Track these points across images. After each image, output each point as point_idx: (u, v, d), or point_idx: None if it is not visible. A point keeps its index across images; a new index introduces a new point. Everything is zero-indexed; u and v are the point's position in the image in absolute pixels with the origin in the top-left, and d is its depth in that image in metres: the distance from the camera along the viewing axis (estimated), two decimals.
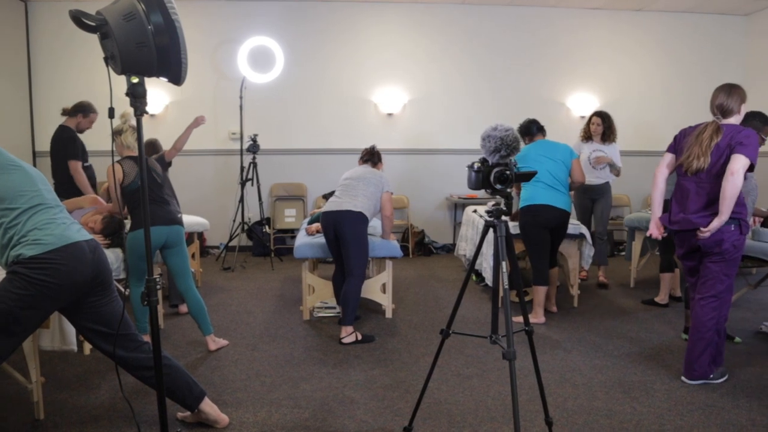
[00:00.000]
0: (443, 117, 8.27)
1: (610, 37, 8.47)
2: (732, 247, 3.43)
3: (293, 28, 7.91)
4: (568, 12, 8.34)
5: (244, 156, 7.34)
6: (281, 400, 3.35)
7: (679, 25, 8.54)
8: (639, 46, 8.54)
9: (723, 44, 8.63)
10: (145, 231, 2.20)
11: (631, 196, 8.54)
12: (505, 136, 2.57)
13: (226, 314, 5.09)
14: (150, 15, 2.02)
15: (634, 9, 8.38)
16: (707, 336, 3.54)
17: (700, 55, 8.60)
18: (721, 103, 3.45)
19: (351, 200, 4.47)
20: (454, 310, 2.74)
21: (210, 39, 7.78)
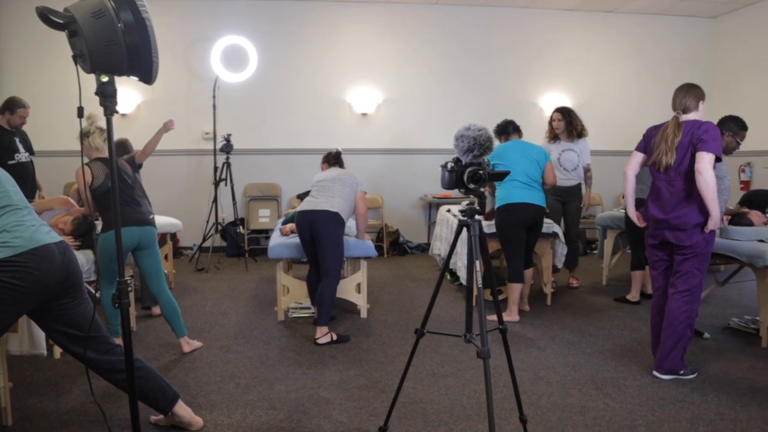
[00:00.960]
0: (417, 117, 8.30)
1: (582, 38, 8.57)
2: (703, 241, 3.52)
3: (267, 27, 7.87)
4: (541, 13, 8.42)
5: (217, 156, 7.29)
6: (256, 402, 3.32)
7: (650, 27, 8.68)
8: (611, 47, 8.66)
9: (692, 46, 8.79)
10: (116, 232, 2.17)
11: (603, 195, 8.66)
12: (478, 135, 2.58)
13: (199, 316, 5.04)
14: (120, 13, 1.99)
15: (605, 10, 8.50)
16: (680, 329, 3.60)
17: (670, 56, 8.75)
18: (681, 101, 3.59)
19: (328, 200, 4.45)
20: (429, 310, 2.75)
21: (182, 38, 7.70)
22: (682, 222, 3.52)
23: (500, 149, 4.92)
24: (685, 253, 3.57)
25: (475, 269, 2.52)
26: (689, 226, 3.51)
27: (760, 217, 4.59)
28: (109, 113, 2.07)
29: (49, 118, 7.08)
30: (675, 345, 3.62)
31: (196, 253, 7.40)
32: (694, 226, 3.50)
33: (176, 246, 7.65)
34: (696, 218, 3.50)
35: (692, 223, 3.50)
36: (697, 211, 3.50)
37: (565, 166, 5.87)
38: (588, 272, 6.87)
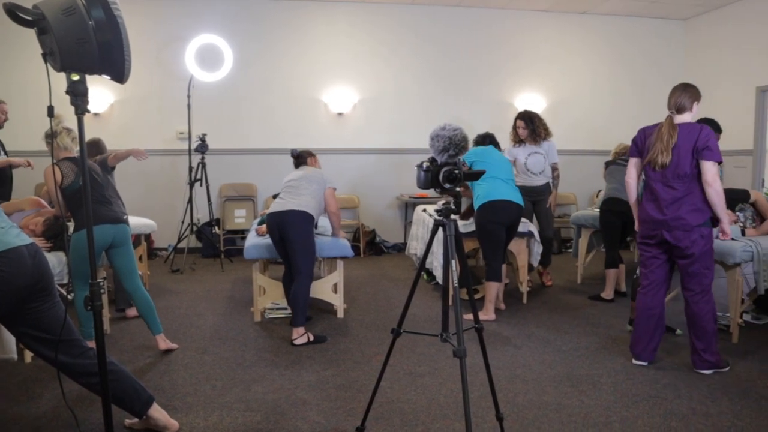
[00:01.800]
0: (393, 116, 8.30)
1: (556, 39, 8.65)
2: (701, 240, 3.59)
3: (242, 26, 7.82)
4: (515, 14, 8.48)
5: (192, 156, 7.21)
6: (232, 404, 3.30)
7: (623, 28, 8.79)
8: (585, 48, 8.76)
9: (664, 47, 8.92)
10: (87, 232, 2.13)
11: (578, 194, 8.74)
12: (454, 135, 2.59)
13: (175, 317, 4.98)
14: (91, 10, 1.96)
15: (579, 12, 8.59)
16: (710, 328, 3.69)
17: (643, 57, 8.87)
18: (676, 100, 3.65)
19: (295, 199, 4.44)
20: (405, 309, 2.75)
21: (156, 36, 7.62)
22: (681, 223, 3.58)
23: (480, 150, 5.01)
24: (689, 255, 3.63)
25: (451, 268, 2.53)
26: (690, 228, 3.58)
27: (731, 216, 4.67)
28: (80, 112, 2.04)
29: (21, 118, 6.94)
30: (710, 342, 3.70)
31: (171, 254, 7.32)
32: (694, 227, 3.57)
33: (151, 247, 7.57)
34: (696, 219, 3.57)
35: (693, 224, 3.57)
36: (697, 212, 3.57)
37: (532, 169, 5.96)
38: (563, 271, 6.93)
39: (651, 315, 3.80)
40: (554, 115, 8.69)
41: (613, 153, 5.96)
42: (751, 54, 7.81)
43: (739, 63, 7.99)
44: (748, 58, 7.86)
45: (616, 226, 5.44)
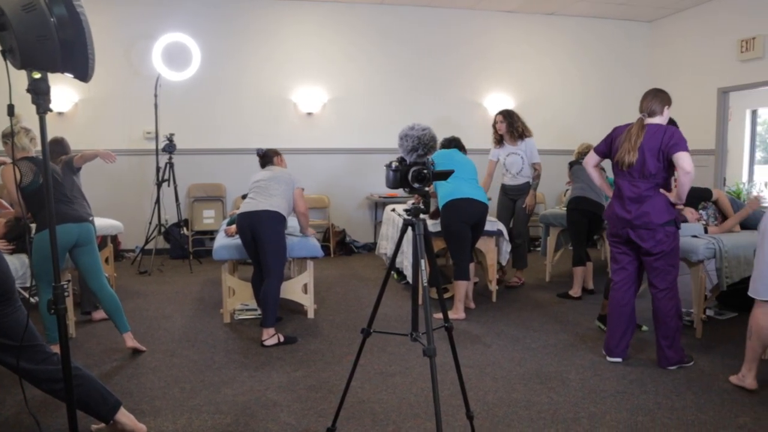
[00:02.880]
0: (363, 116, 8.30)
1: (525, 40, 8.74)
2: (665, 238, 3.66)
3: (210, 25, 7.74)
4: (484, 14, 8.54)
5: (159, 156, 7.11)
6: (202, 406, 3.26)
7: (590, 29, 8.91)
8: (552, 48, 8.86)
9: (630, 48, 9.08)
10: (50, 232, 2.09)
11: (546, 193, 8.84)
12: (422, 135, 2.60)
13: (142, 320, 4.91)
14: (52, 7, 1.92)
15: (546, 13, 8.68)
16: (673, 324, 3.76)
17: (610, 58, 9.01)
18: (648, 105, 3.73)
19: (267, 200, 4.41)
20: (375, 309, 2.75)
21: (122, 34, 7.49)
22: (645, 222, 3.65)
23: (443, 152, 5.08)
24: (654, 253, 3.69)
25: (420, 268, 2.53)
26: (654, 226, 3.64)
27: (694, 214, 4.77)
28: (41, 111, 1.99)
29: None
30: (674, 338, 3.78)
31: (138, 255, 7.21)
32: (659, 226, 3.63)
33: (117, 249, 7.43)
34: (660, 218, 3.64)
35: (657, 223, 3.64)
36: (661, 211, 3.64)
37: (510, 169, 5.99)
38: (532, 269, 7.00)
39: (623, 311, 3.86)
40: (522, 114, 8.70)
41: (576, 153, 6.04)
42: (712, 56, 7.98)
43: (702, 64, 8.17)
44: (709, 60, 8.04)
45: (583, 224, 5.52)
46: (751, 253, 4.16)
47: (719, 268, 4.33)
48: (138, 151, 7.65)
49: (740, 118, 10.40)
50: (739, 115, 10.29)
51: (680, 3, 8.15)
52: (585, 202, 5.46)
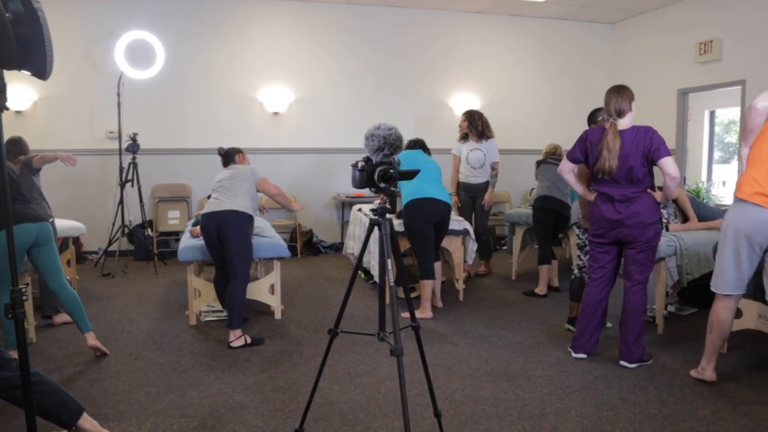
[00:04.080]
0: (329, 116, 8.29)
1: (491, 41, 8.82)
2: (654, 235, 3.73)
3: (174, 23, 7.63)
4: (450, 15, 8.60)
5: (123, 156, 6.98)
6: (167, 410, 3.22)
7: (554, 31, 9.04)
8: (518, 49, 8.96)
9: (593, 50, 9.24)
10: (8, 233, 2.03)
11: (512, 192, 8.93)
12: (388, 135, 2.60)
13: (105, 323, 4.82)
14: (8, 2, 1.87)
15: (511, 14, 8.77)
16: (641, 320, 3.82)
17: (574, 59, 9.16)
18: (615, 104, 3.71)
19: (232, 200, 4.35)
20: (342, 309, 2.75)
21: (84, 31, 7.35)
22: (637, 221, 3.68)
23: (407, 153, 5.12)
24: (640, 247, 3.74)
25: (387, 267, 2.54)
26: (645, 225, 3.69)
27: None
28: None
29: None
30: (639, 335, 3.83)
31: (101, 257, 7.08)
32: (649, 224, 3.69)
33: (79, 251, 7.28)
34: (651, 217, 3.70)
35: (648, 221, 3.69)
36: (651, 210, 3.70)
37: (472, 163, 6.28)
38: (498, 267, 7.07)
39: (598, 307, 3.92)
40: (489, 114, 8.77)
41: (543, 152, 6.12)
42: (672, 58, 8.16)
43: (662, 66, 8.35)
44: (669, 62, 8.22)
45: (548, 223, 5.59)
46: (710, 250, 4.26)
47: (680, 265, 4.43)
48: (100, 151, 7.51)
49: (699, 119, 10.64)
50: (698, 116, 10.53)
51: (641, 6, 8.31)
52: (550, 201, 5.53)
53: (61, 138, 7.23)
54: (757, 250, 3.23)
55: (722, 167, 10.64)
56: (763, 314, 3.69)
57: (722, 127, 11.10)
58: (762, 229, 3.16)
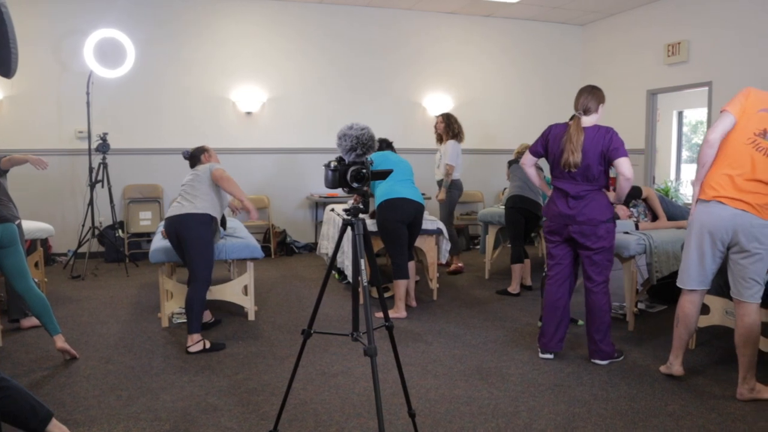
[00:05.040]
0: (302, 116, 8.26)
1: (463, 41, 8.87)
2: (606, 234, 3.78)
3: (145, 21, 7.54)
4: (423, 15, 8.62)
5: (92, 156, 6.88)
6: (139, 414, 3.18)
7: (526, 32, 9.13)
8: (491, 49, 9.03)
9: (564, 51, 9.34)
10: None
11: (485, 192, 9.00)
12: (361, 134, 2.60)
13: (75, 326, 4.74)
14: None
15: (484, 15, 8.83)
16: (607, 319, 3.88)
17: (546, 60, 9.25)
18: (582, 102, 3.81)
19: (191, 202, 4.28)
20: (315, 310, 2.74)
21: (51, 28, 7.21)
22: (588, 219, 3.74)
23: (378, 154, 5.13)
24: (595, 248, 3.80)
25: (360, 267, 2.54)
26: (596, 223, 3.75)
27: (626, 211, 4.94)
28: None
29: None
30: (606, 333, 3.89)
31: (70, 259, 6.96)
32: (600, 222, 3.75)
33: (48, 253, 7.16)
34: (603, 215, 3.75)
35: (599, 219, 3.75)
36: (603, 209, 3.76)
37: (437, 162, 6.72)
38: (472, 267, 7.12)
39: (557, 305, 3.96)
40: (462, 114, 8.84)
41: (515, 152, 6.18)
42: (641, 59, 8.29)
43: (631, 67, 8.47)
44: (638, 63, 8.34)
45: (521, 222, 5.64)
46: (679, 248, 4.33)
47: (650, 263, 4.50)
48: (69, 151, 7.39)
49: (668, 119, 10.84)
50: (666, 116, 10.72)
51: (610, 8, 8.43)
52: (523, 201, 5.58)
53: (29, 138, 7.10)
54: (719, 245, 3.29)
55: (691, 166, 10.84)
56: (729, 310, 3.77)
57: (690, 128, 11.31)
58: (723, 225, 3.23)
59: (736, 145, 3.21)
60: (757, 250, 3.18)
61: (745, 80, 6.61)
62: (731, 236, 3.22)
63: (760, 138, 3.15)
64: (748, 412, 3.17)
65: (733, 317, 3.74)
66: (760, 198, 3.14)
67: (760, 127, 3.17)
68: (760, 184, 3.14)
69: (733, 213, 3.18)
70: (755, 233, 3.15)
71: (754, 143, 3.16)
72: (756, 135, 3.17)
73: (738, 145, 3.20)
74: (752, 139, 3.17)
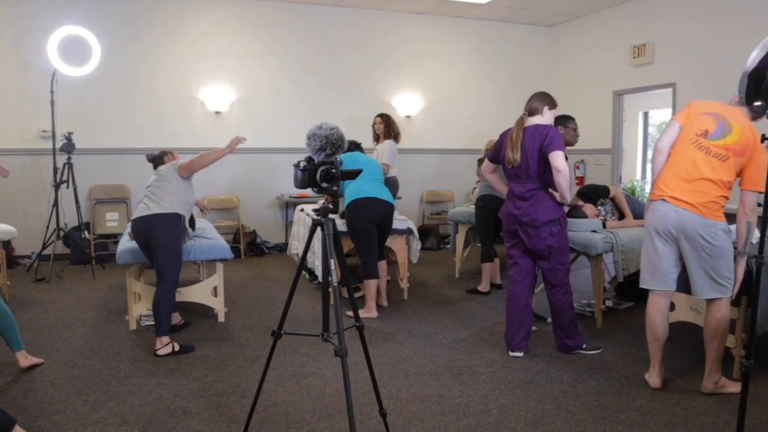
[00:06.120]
0: (272, 115, 8.22)
1: (434, 41, 8.91)
2: (551, 238, 3.84)
3: (112, 19, 7.42)
4: (393, 15, 8.64)
5: (57, 156, 6.73)
6: (107, 419, 3.13)
7: (496, 32, 9.22)
8: (461, 50, 9.09)
9: (533, 52, 9.45)
10: None
11: (455, 191, 9.05)
12: (330, 134, 2.60)
13: (39, 330, 4.64)
14: None
15: (454, 15, 8.88)
16: (569, 317, 3.99)
17: (515, 60, 9.35)
18: (529, 104, 3.94)
19: (157, 203, 4.22)
20: (285, 310, 2.73)
21: (12, 25, 7.05)
22: (530, 219, 3.81)
23: (347, 155, 5.11)
24: (540, 252, 3.87)
25: (330, 267, 2.53)
26: (539, 224, 3.81)
27: (593, 210, 5.01)
28: None
29: None
30: (569, 329, 4.01)
31: (34, 261, 6.81)
32: (543, 224, 3.80)
33: (11, 255, 7.00)
34: (545, 216, 3.81)
35: (542, 220, 3.80)
36: (546, 209, 3.81)
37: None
38: (442, 266, 7.15)
39: (518, 304, 4.01)
40: (432, 114, 8.96)
41: (483, 150, 6.22)
42: (608, 60, 8.42)
43: (598, 68, 8.60)
44: (605, 64, 8.48)
45: (490, 221, 5.68)
46: None
47: (617, 261, 4.57)
48: (33, 151, 7.23)
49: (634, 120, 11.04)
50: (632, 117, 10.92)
51: (577, 10, 8.55)
52: (492, 200, 5.62)
53: None
54: (669, 244, 3.33)
55: None
56: (694, 307, 3.84)
57: (656, 128, 11.52)
58: (669, 224, 3.28)
59: (681, 146, 3.31)
60: (708, 249, 3.21)
61: (707, 81, 6.77)
62: (678, 234, 3.27)
63: (702, 138, 3.25)
64: (712, 406, 3.25)
65: (697, 313, 3.82)
66: (703, 196, 3.20)
67: (702, 128, 3.27)
68: (705, 183, 3.20)
69: (675, 211, 3.25)
70: (699, 232, 3.19)
71: (696, 143, 3.26)
72: (698, 135, 3.27)
73: (682, 147, 3.31)
74: (695, 140, 3.27)
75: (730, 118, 3.24)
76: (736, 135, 3.19)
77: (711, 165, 3.20)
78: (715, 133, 3.23)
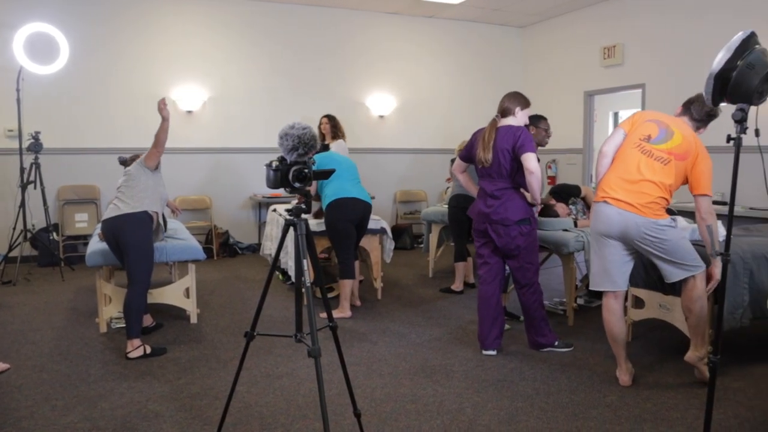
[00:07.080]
0: (244, 115, 8.16)
1: (407, 41, 8.93)
2: (521, 237, 3.88)
3: (81, 17, 7.29)
4: (366, 14, 8.64)
5: (24, 155, 6.60)
6: (76, 424, 3.07)
7: (468, 33, 9.27)
8: (434, 50, 9.13)
9: (505, 52, 9.54)
10: None
11: (428, 191, 9.08)
12: (303, 134, 2.59)
13: (5, 334, 4.55)
14: None
15: (427, 15, 8.91)
16: (539, 315, 4.05)
17: (488, 60, 9.41)
18: (502, 105, 4.00)
19: (126, 203, 4.15)
20: (258, 311, 2.71)
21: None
22: (501, 218, 3.85)
23: (323, 155, 5.14)
24: (510, 251, 3.91)
25: (303, 268, 2.53)
26: (509, 223, 3.84)
27: (565, 209, 5.07)
28: None
29: None
30: (540, 327, 4.07)
31: (0, 264, 6.66)
32: (513, 223, 3.84)
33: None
34: (515, 215, 3.85)
35: (512, 219, 3.84)
36: (517, 209, 3.85)
37: None
38: (415, 265, 7.17)
39: (488, 303, 4.04)
40: (406, 114, 8.97)
41: (456, 150, 6.25)
42: (579, 61, 8.53)
43: (569, 69, 8.70)
44: (576, 65, 8.58)
45: (463, 221, 5.69)
46: None
47: (588, 259, 4.62)
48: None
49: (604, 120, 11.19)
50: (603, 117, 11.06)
51: (549, 11, 8.63)
52: (466, 200, 5.62)
53: None
54: (615, 244, 3.42)
55: None
56: (663, 304, 3.90)
57: None
58: (611, 224, 3.37)
59: (625, 150, 3.44)
60: (659, 244, 3.31)
61: (675, 82, 6.89)
62: (621, 234, 3.36)
63: (645, 142, 3.39)
64: (681, 401, 3.31)
65: (666, 310, 3.88)
66: (644, 197, 3.30)
67: (645, 133, 3.41)
68: (646, 184, 3.31)
69: (618, 212, 3.34)
70: (644, 231, 3.30)
71: (640, 146, 3.39)
72: (641, 140, 3.40)
73: (626, 150, 3.43)
74: (638, 144, 3.40)
75: (672, 126, 3.40)
76: (677, 140, 3.33)
77: (653, 167, 3.32)
78: (657, 137, 3.37)
